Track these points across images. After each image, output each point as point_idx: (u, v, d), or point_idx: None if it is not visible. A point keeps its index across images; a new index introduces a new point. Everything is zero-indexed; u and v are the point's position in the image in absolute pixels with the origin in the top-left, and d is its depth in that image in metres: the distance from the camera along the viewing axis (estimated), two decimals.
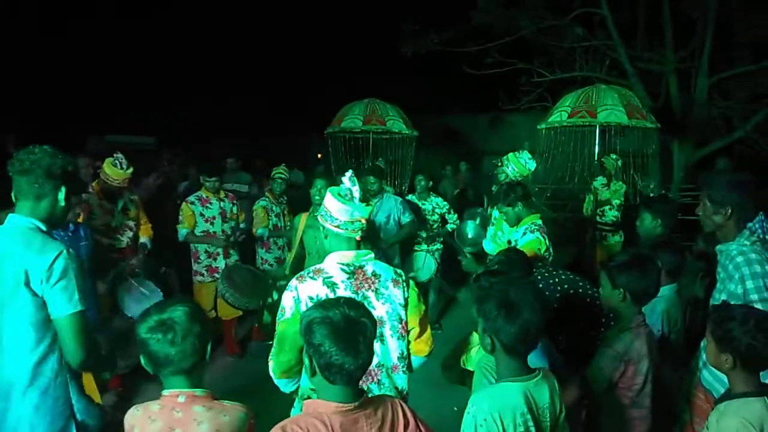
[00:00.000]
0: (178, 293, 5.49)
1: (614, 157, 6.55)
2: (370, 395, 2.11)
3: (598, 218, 6.39)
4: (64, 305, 2.04)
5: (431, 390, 3.48)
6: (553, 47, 10.20)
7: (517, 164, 4.68)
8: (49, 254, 2.02)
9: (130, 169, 4.51)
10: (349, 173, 2.27)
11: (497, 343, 1.86)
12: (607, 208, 6.37)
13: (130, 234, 4.73)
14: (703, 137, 9.70)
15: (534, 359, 2.18)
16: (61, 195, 2.16)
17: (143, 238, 4.89)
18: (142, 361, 1.78)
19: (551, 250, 3.76)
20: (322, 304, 1.63)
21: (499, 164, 4.88)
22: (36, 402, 2.09)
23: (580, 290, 2.91)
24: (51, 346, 2.10)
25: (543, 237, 3.72)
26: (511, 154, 4.76)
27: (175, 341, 1.71)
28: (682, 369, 2.77)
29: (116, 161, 4.44)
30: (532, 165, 4.74)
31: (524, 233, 3.79)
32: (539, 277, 2.99)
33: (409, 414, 1.70)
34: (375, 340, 2.10)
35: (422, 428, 1.69)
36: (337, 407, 1.56)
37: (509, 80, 10.38)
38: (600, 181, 6.34)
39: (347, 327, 1.53)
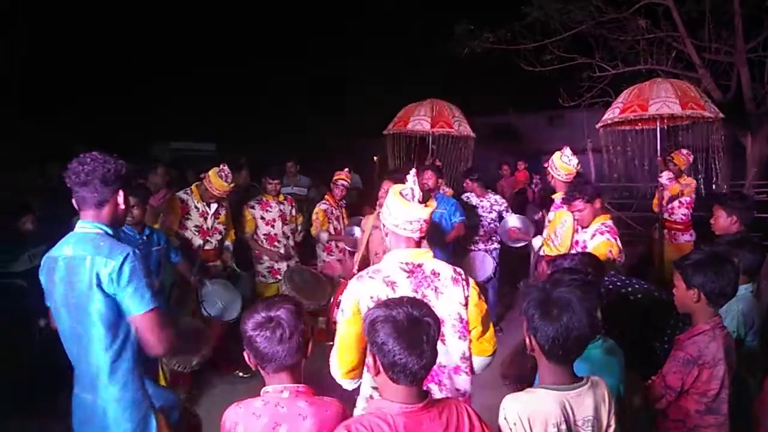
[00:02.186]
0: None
1: (684, 152, 6.27)
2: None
3: (666, 216, 6.13)
4: (138, 305, 2.15)
5: (490, 393, 3.39)
6: (615, 40, 9.85)
7: (560, 163, 4.44)
8: (117, 258, 2.13)
9: (233, 183, 4.78)
10: (411, 173, 2.26)
11: (536, 345, 1.80)
12: (676, 205, 6.11)
13: (219, 237, 4.95)
14: None
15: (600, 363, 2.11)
16: (120, 198, 2.29)
17: (227, 242, 5.10)
18: (246, 357, 1.83)
19: (623, 253, 3.59)
20: (386, 303, 1.63)
21: (546, 165, 4.71)
22: (117, 395, 2.21)
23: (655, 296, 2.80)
24: (125, 343, 2.21)
25: (614, 239, 3.56)
26: (555, 154, 4.53)
27: (283, 338, 1.75)
28: (761, 373, 2.61)
29: (221, 173, 4.69)
30: (575, 161, 4.46)
31: (593, 235, 3.64)
32: (610, 286, 2.87)
33: (474, 419, 1.67)
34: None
35: (487, 430, 1.66)
36: (402, 408, 1.55)
37: (569, 76, 10.10)
38: (666, 175, 6.07)
39: (410, 326, 1.53)
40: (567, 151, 4.47)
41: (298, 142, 12.88)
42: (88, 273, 2.12)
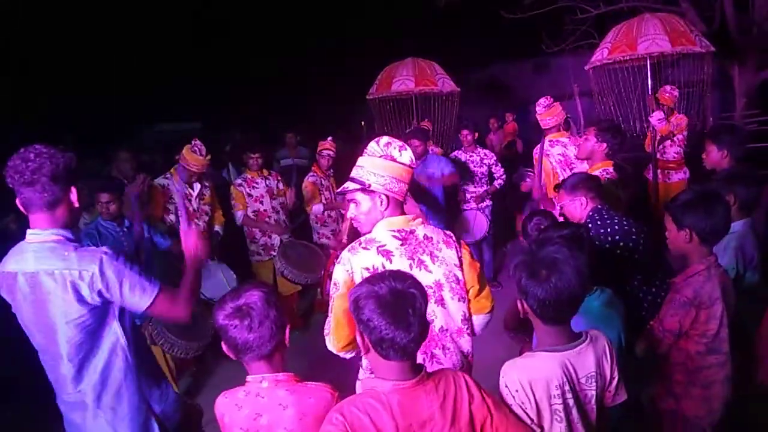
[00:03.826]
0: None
1: (668, 89, 6.17)
2: (435, 362, 2.10)
3: (659, 156, 6.07)
4: (142, 298, 2.02)
5: (494, 351, 3.38)
6: None
7: (540, 113, 4.70)
8: (92, 266, 1.96)
9: (209, 156, 4.69)
10: (383, 139, 2.19)
11: (528, 308, 1.77)
12: (668, 143, 6.05)
13: (206, 218, 4.89)
14: (765, 59, 9.01)
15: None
16: (73, 196, 2.05)
17: (217, 226, 5.05)
18: (224, 347, 1.78)
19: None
20: (368, 279, 1.58)
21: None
22: (112, 404, 2.11)
23: (631, 243, 2.77)
24: (114, 349, 2.10)
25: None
26: (537, 107, 4.75)
27: (253, 327, 1.70)
28: (762, 308, 2.60)
29: (195, 147, 4.62)
30: (543, 103, 4.70)
31: None
32: (590, 225, 2.85)
33: (473, 388, 1.63)
34: (435, 305, 2.08)
35: (489, 402, 1.62)
36: (395, 385, 1.52)
37: (551, 21, 9.88)
38: (657, 116, 6.00)
39: (395, 300, 1.48)
40: (541, 101, 4.72)
41: (287, 113, 12.67)
42: (61, 289, 1.94)
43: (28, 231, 2.02)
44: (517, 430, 1.64)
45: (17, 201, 2.00)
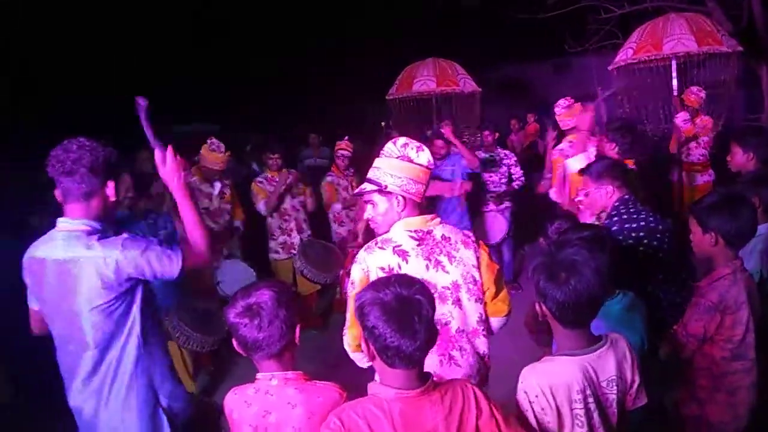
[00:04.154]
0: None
1: (695, 90, 6.07)
2: (452, 364, 2.08)
3: (684, 158, 5.96)
4: (172, 264, 2.08)
5: (511, 353, 3.34)
6: None
7: (561, 116, 4.71)
8: (114, 250, 2.00)
9: (227, 152, 4.74)
10: (400, 140, 2.18)
11: (547, 312, 1.73)
12: (693, 145, 5.94)
13: (227, 217, 4.94)
14: None
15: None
16: (110, 189, 2.11)
17: (237, 221, 5.11)
18: (235, 344, 1.79)
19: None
20: (374, 284, 1.56)
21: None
22: (123, 394, 2.13)
23: (656, 242, 2.71)
24: (128, 337, 2.12)
25: None
26: (555, 108, 4.75)
27: (262, 326, 1.70)
28: None
29: (213, 146, 4.69)
30: (563, 104, 4.71)
31: None
32: (616, 217, 2.78)
33: (483, 402, 1.57)
34: (453, 306, 2.07)
35: (498, 418, 1.56)
36: (398, 393, 1.48)
37: (573, 20, 9.75)
38: (682, 117, 5.89)
39: (400, 307, 1.45)
40: (560, 101, 4.73)
41: (305, 113, 12.70)
42: (86, 276, 1.99)
43: (60, 219, 2.07)
44: None
45: (56, 191, 2.06)
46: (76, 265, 2.01)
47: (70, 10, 10.63)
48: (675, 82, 5.85)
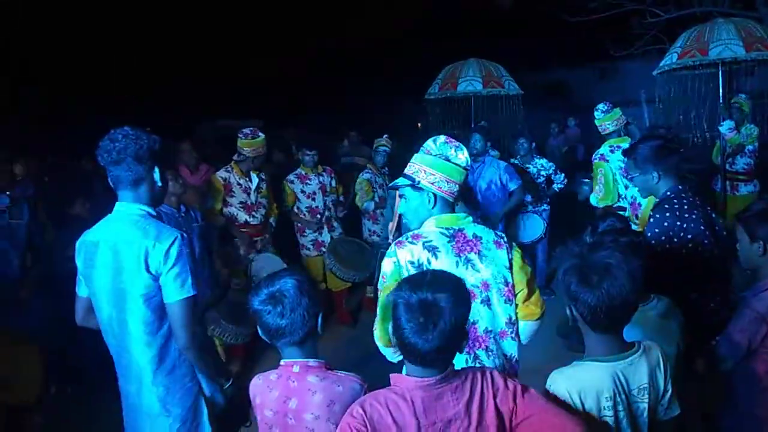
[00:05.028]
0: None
1: (743, 96, 5.87)
2: (477, 363, 2.06)
3: (728, 167, 5.78)
4: (177, 290, 2.08)
5: (539, 356, 3.18)
6: None
7: (598, 121, 4.62)
8: (166, 240, 2.06)
9: (261, 136, 4.75)
10: (440, 137, 2.18)
11: (578, 316, 1.69)
12: (738, 155, 5.75)
13: (263, 211, 4.97)
14: None
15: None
16: (157, 176, 2.18)
17: (271, 218, 5.14)
18: (260, 331, 1.84)
19: None
20: (408, 280, 1.58)
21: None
22: (165, 382, 2.17)
23: (701, 247, 2.56)
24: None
25: None
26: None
27: (285, 313, 1.75)
28: None
29: (244, 135, 4.72)
30: (602, 108, 4.62)
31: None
32: (667, 208, 2.52)
33: (498, 379, 1.58)
34: (481, 305, 2.05)
35: (511, 387, 1.57)
36: (418, 382, 1.51)
37: (618, 24, 9.56)
38: (727, 125, 5.70)
39: (422, 309, 1.46)
40: (601, 105, 4.63)
41: (346, 112, 12.74)
42: (136, 257, 2.05)
43: (117, 204, 2.17)
44: (549, 418, 1.55)
45: (108, 179, 2.16)
46: (130, 245, 2.07)
47: (70, 10, 10.88)
48: (721, 88, 5.65)
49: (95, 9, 10.91)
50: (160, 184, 2.21)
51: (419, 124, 10.91)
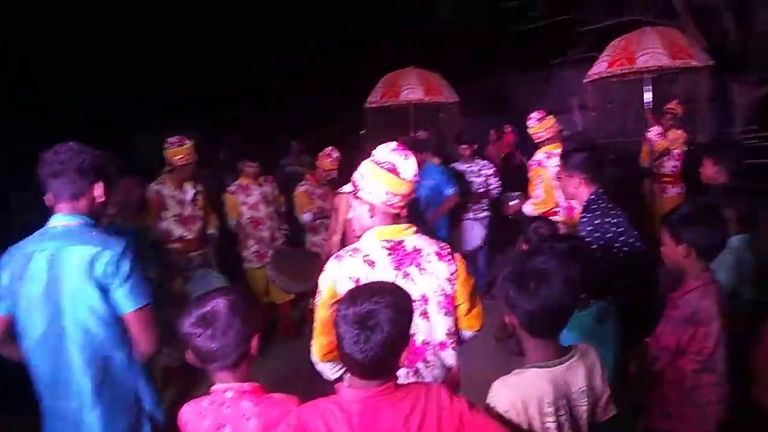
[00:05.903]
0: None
1: (674, 103, 6.18)
2: (417, 377, 2.04)
3: (655, 170, 6.05)
4: (135, 300, 2.04)
5: (481, 363, 3.22)
6: None
7: (531, 130, 4.74)
8: (115, 248, 2.02)
9: (189, 143, 4.53)
10: (391, 145, 2.11)
11: (516, 322, 1.71)
12: (665, 157, 6.03)
13: (200, 224, 4.77)
14: (766, 74, 8.99)
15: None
16: (98, 191, 2.14)
17: (211, 229, 4.93)
18: (190, 357, 1.74)
19: None
20: (352, 293, 1.56)
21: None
22: (108, 397, 2.10)
23: (632, 240, 2.72)
24: (121, 340, 2.10)
25: None
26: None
27: (216, 336, 1.65)
28: (757, 325, 2.54)
29: (171, 144, 4.48)
30: (535, 116, 4.72)
31: None
32: (597, 211, 2.79)
33: (444, 397, 1.57)
34: (420, 317, 2.03)
35: (457, 405, 1.56)
36: (357, 394, 1.50)
37: (554, 33, 9.88)
38: (655, 130, 5.98)
39: (361, 320, 1.46)
40: (533, 114, 4.74)
41: (281, 121, 12.56)
42: (78, 266, 1.98)
43: (53, 217, 2.10)
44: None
45: (48, 193, 2.11)
46: (71, 253, 2.00)
47: (69, 10, 10.45)
48: (648, 95, 5.92)
49: (95, 9, 10.40)
50: (101, 199, 2.16)
51: (361, 132, 10.94)
